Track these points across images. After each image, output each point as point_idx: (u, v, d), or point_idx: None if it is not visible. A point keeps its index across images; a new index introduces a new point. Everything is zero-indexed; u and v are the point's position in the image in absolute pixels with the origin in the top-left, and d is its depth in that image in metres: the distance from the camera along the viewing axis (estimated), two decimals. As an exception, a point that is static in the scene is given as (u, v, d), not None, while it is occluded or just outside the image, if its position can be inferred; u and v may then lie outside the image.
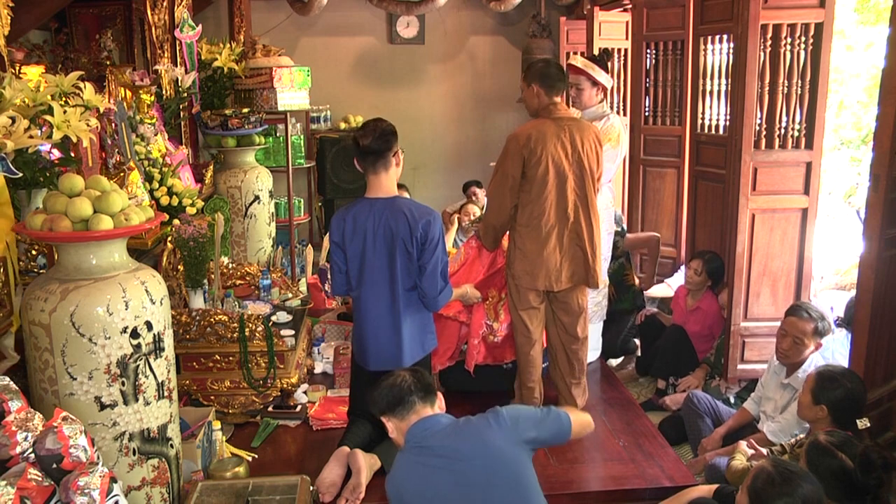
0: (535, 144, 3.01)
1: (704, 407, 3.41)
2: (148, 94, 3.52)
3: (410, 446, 2.11)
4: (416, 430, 2.12)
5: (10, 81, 2.05)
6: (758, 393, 3.31)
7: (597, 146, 3.11)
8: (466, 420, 2.15)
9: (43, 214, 1.99)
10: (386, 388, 2.16)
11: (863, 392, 2.58)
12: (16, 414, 1.61)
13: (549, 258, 3.07)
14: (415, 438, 2.11)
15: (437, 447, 2.08)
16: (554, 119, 3.08)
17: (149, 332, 2.05)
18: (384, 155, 2.74)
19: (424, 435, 2.10)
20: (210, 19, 6.21)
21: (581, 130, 3.08)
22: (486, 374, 3.44)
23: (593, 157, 3.09)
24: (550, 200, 3.04)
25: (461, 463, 2.03)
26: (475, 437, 2.07)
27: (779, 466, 2.10)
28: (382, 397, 2.16)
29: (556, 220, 3.05)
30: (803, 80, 3.60)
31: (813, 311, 3.15)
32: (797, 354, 3.11)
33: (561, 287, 3.11)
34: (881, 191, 2.67)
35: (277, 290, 3.74)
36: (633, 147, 5.15)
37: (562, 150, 3.02)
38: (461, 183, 6.08)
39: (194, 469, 2.48)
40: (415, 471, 2.08)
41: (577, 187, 3.07)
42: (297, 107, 4.95)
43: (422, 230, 2.71)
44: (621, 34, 5.35)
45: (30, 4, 3.24)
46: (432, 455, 2.07)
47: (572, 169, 3.04)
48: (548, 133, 3.03)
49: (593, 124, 3.24)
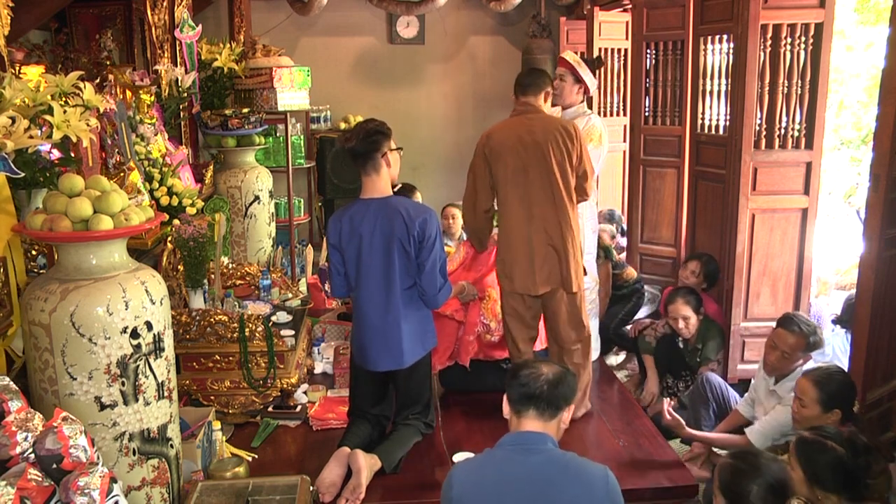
0: (497, 142, 3.00)
1: (715, 392, 3.37)
2: (148, 94, 3.52)
3: (501, 445, 2.03)
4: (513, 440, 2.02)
5: (10, 81, 2.05)
6: (750, 395, 3.28)
7: (566, 140, 2.96)
8: (568, 464, 1.97)
9: (43, 214, 1.98)
10: (521, 383, 2.03)
11: (849, 379, 2.61)
12: (16, 414, 1.61)
13: (520, 260, 2.98)
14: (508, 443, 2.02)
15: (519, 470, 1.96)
16: (518, 115, 3.07)
17: (149, 332, 2.05)
18: (371, 156, 2.73)
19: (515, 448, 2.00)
20: (210, 19, 6.21)
21: (546, 124, 2.98)
22: (487, 373, 3.44)
23: (560, 151, 2.94)
24: (514, 199, 2.98)
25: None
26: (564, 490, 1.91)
27: (740, 457, 2.13)
28: (515, 387, 2.05)
29: (524, 220, 2.97)
30: (803, 80, 3.60)
31: (804, 324, 3.02)
32: (784, 368, 3.04)
33: (538, 291, 3.00)
34: (881, 191, 2.68)
35: (277, 290, 3.74)
36: (633, 147, 5.15)
37: (521, 146, 2.95)
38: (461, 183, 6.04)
39: (194, 469, 2.48)
40: (484, 472, 1.99)
41: (543, 184, 2.95)
42: (297, 107, 4.96)
43: (419, 228, 2.71)
44: (621, 34, 5.35)
45: (30, 4, 3.23)
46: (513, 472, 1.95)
47: (535, 165, 2.94)
48: (509, 130, 3.02)
49: (566, 119, 3.16)
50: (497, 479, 1.96)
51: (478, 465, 2.06)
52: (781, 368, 3.04)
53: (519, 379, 2.04)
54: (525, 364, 2.11)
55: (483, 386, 3.46)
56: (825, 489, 2.11)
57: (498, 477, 1.96)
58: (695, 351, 3.84)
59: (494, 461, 2.01)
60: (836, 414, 2.55)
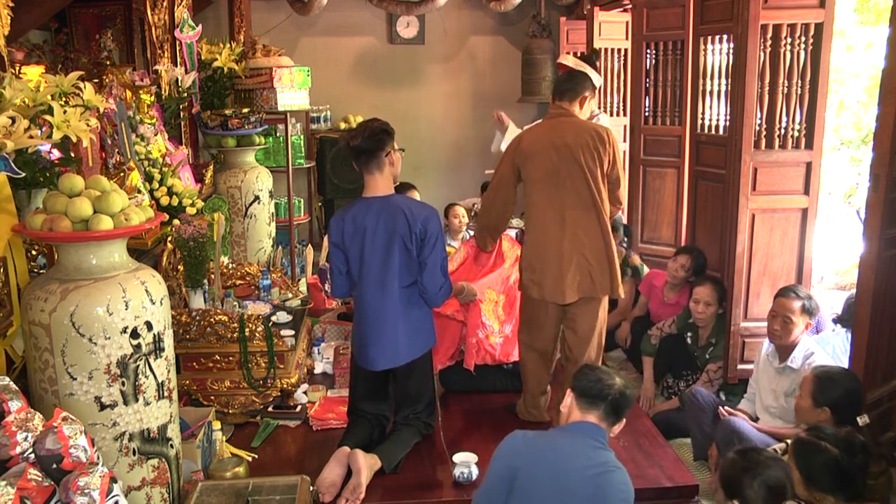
0: (527, 146, 2.99)
1: (706, 399, 3.40)
2: (148, 94, 3.52)
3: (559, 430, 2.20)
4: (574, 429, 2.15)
5: (10, 81, 2.05)
6: (751, 390, 3.34)
7: (598, 145, 2.92)
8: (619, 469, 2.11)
9: (43, 214, 1.98)
10: (595, 379, 2.17)
11: (860, 389, 2.60)
12: (16, 414, 1.61)
13: (552, 267, 2.92)
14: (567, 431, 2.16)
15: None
16: (550, 120, 3.06)
17: (149, 332, 2.05)
18: (375, 154, 2.74)
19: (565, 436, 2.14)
20: (210, 19, 6.21)
21: (578, 129, 2.96)
22: (487, 373, 3.44)
23: (590, 155, 2.91)
24: (544, 203, 2.94)
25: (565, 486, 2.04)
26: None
27: (745, 454, 2.16)
28: (588, 382, 2.17)
29: (554, 225, 2.92)
30: (803, 80, 3.60)
31: (801, 291, 3.27)
32: (788, 334, 3.17)
33: (567, 300, 2.93)
34: (881, 191, 2.67)
35: (277, 290, 3.75)
36: (633, 147, 5.15)
37: (553, 151, 2.92)
38: (461, 183, 6.08)
39: (194, 469, 2.48)
40: (545, 450, 2.11)
41: (574, 189, 2.91)
42: (297, 107, 4.96)
43: (421, 226, 2.72)
44: (621, 34, 5.35)
45: (30, 4, 3.23)
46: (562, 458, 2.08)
47: (567, 169, 2.90)
48: (541, 134, 3.00)
49: (595, 123, 3.15)
50: (563, 457, 2.07)
51: (543, 440, 2.16)
52: (785, 336, 3.17)
53: (592, 376, 2.18)
54: (597, 367, 2.26)
55: (484, 386, 3.46)
56: (821, 489, 2.13)
57: (564, 457, 2.07)
58: (707, 346, 3.87)
59: (560, 441, 2.13)
60: (825, 412, 2.56)
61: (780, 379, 3.18)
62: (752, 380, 3.36)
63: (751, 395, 3.34)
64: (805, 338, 3.19)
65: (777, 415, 3.15)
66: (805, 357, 3.12)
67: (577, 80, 3.09)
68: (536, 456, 2.07)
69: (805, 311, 3.18)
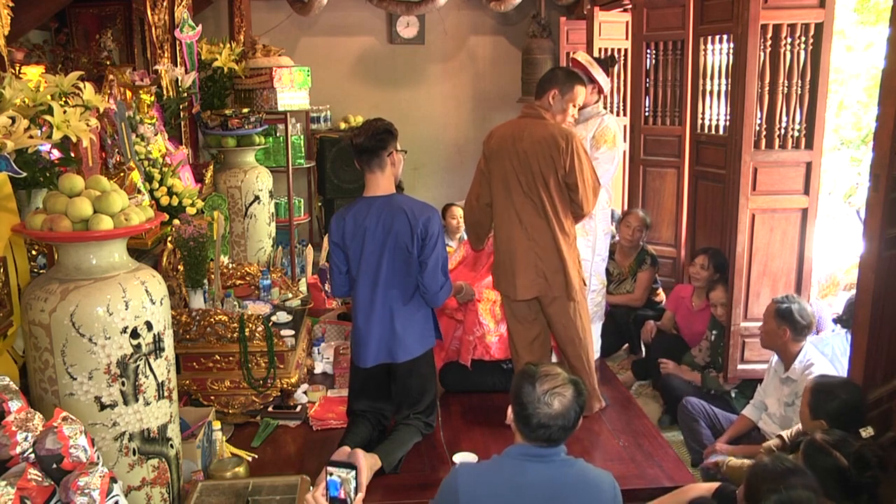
0: (494, 143, 3.02)
1: (698, 411, 3.41)
2: (148, 94, 3.52)
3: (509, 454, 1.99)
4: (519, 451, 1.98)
5: (10, 81, 2.05)
6: (758, 397, 3.30)
7: (553, 151, 2.88)
8: (578, 472, 1.97)
9: (43, 214, 1.98)
10: (533, 412, 1.92)
11: (861, 401, 2.54)
12: (16, 414, 1.61)
13: (504, 263, 3.02)
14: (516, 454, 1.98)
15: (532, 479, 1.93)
16: (519, 119, 3.07)
17: (149, 332, 2.05)
18: (378, 153, 2.75)
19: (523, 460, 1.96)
20: (210, 19, 6.21)
21: (536, 133, 2.92)
22: (486, 373, 3.44)
23: (545, 162, 2.88)
24: (503, 202, 3.00)
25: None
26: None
27: (777, 462, 2.08)
28: (526, 415, 1.94)
29: (512, 224, 2.99)
30: (803, 80, 3.60)
31: (789, 299, 3.18)
32: (774, 341, 3.15)
33: (518, 297, 3.01)
34: (881, 191, 2.67)
35: (277, 290, 3.74)
36: (633, 147, 5.15)
37: (512, 155, 2.95)
38: (461, 183, 6.07)
39: (194, 469, 2.48)
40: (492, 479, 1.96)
41: (527, 191, 2.94)
42: (297, 107, 4.96)
43: (422, 226, 2.73)
44: (621, 34, 5.35)
45: (30, 4, 3.23)
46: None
47: (523, 175, 2.93)
48: (506, 135, 3.02)
49: (561, 127, 3.00)
50: (509, 487, 1.93)
51: (487, 470, 2.02)
52: (770, 342, 3.17)
53: (528, 410, 1.92)
54: (531, 397, 1.94)
55: (483, 386, 3.46)
56: (827, 496, 2.08)
57: (510, 485, 1.93)
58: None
59: (504, 469, 1.97)
60: (820, 423, 2.53)
61: (783, 388, 3.16)
62: (761, 387, 3.32)
63: (758, 402, 3.29)
64: (807, 345, 3.15)
65: (779, 423, 3.12)
66: (804, 367, 3.07)
67: (546, 77, 3.11)
68: (484, 491, 1.94)
69: (783, 314, 3.10)
